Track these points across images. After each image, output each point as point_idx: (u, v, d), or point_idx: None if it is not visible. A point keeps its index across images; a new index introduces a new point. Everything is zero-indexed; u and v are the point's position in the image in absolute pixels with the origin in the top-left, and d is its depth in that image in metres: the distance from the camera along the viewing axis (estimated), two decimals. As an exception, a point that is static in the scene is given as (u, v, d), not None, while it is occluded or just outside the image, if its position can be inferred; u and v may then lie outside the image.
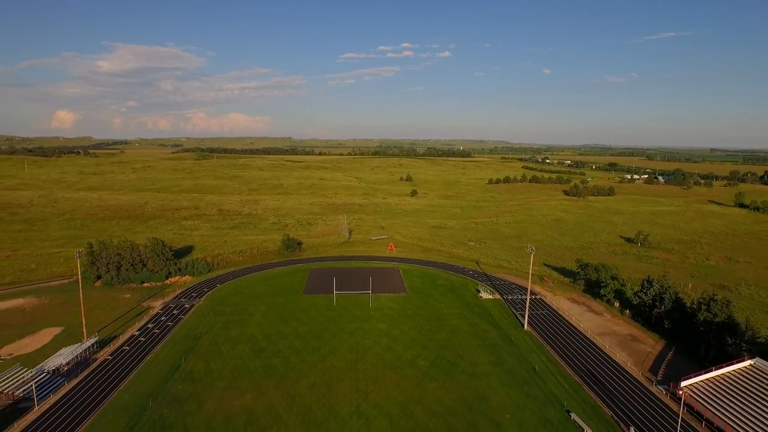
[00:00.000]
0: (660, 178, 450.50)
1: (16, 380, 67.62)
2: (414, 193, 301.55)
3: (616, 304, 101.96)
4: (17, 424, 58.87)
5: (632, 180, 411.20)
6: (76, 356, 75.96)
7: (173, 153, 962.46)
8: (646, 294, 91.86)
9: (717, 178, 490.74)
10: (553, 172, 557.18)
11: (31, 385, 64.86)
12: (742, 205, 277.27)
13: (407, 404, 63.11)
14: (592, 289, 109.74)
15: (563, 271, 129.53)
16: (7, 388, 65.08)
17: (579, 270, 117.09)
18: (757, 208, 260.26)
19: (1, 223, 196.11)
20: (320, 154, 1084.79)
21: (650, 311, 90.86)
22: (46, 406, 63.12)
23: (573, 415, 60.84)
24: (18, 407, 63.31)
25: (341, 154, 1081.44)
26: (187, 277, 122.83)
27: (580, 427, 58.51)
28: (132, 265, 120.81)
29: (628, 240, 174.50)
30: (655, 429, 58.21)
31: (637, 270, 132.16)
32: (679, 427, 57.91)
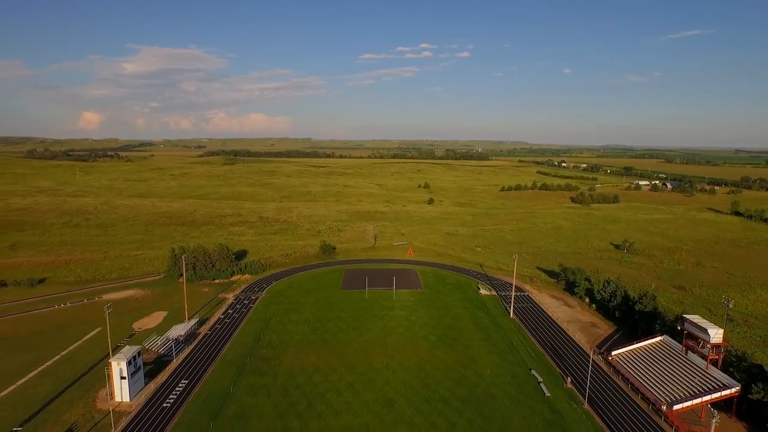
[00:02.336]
0: (668, 185, 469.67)
1: (155, 343, 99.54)
2: (431, 201, 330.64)
3: (587, 300, 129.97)
4: (169, 367, 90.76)
5: (638, 187, 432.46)
6: (187, 330, 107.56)
7: (199, 156, 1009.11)
8: (605, 291, 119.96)
9: (726, 183, 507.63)
10: (566, 177, 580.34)
11: (171, 345, 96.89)
12: (737, 213, 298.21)
13: (420, 363, 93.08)
14: (570, 288, 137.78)
15: (552, 273, 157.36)
16: (154, 348, 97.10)
17: (561, 272, 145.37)
18: (750, 216, 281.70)
19: (80, 228, 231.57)
20: (341, 156, 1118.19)
21: (608, 305, 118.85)
22: (180, 359, 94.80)
23: (533, 371, 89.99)
24: (162, 360, 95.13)
25: (361, 157, 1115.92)
26: (246, 276, 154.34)
27: (537, 378, 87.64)
28: (204, 265, 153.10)
29: (617, 247, 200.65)
30: (591, 380, 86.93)
31: (614, 273, 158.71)
32: (605, 380, 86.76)
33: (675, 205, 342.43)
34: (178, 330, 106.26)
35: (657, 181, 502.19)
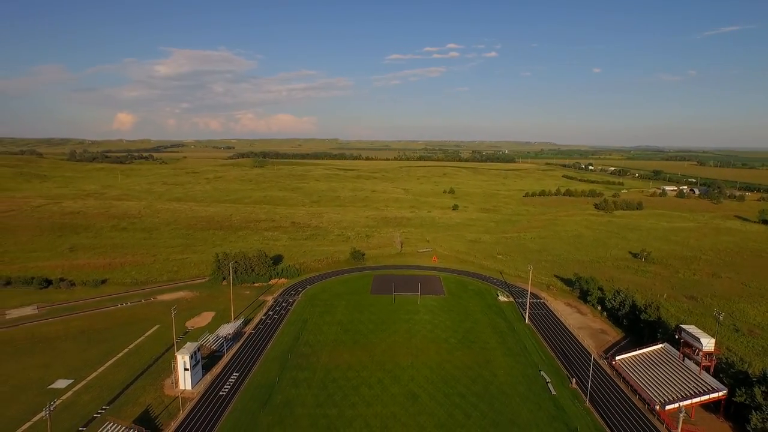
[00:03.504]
0: (696, 190, 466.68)
1: (208, 341, 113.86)
2: (455, 207, 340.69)
3: (599, 308, 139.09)
4: (221, 361, 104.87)
5: (664, 193, 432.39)
6: (235, 329, 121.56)
7: (229, 158, 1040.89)
8: (615, 300, 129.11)
9: (759, 189, 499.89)
10: (591, 181, 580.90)
11: (222, 342, 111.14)
12: (765, 222, 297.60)
13: (441, 362, 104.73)
14: (584, 296, 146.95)
15: (568, 281, 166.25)
16: (207, 344, 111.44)
17: (575, 281, 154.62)
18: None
19: (128, 232, 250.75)
20: (367, 158, 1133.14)
21: (617, 313, 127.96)
22: (230, 355, 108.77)
23: (542, 372, 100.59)
24: (214, 355, 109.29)
25: (387, 159, 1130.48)
26: (283, 280, 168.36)
27: (545, 378, 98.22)
28: (245, 269, 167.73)
29: (635, 255, 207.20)
30: (594, 381, 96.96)
31: (629, 282, 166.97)
32: (608, 382, 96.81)
33: (700, 212, 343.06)
34: (227, 329, 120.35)
35: (684, 187, 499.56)
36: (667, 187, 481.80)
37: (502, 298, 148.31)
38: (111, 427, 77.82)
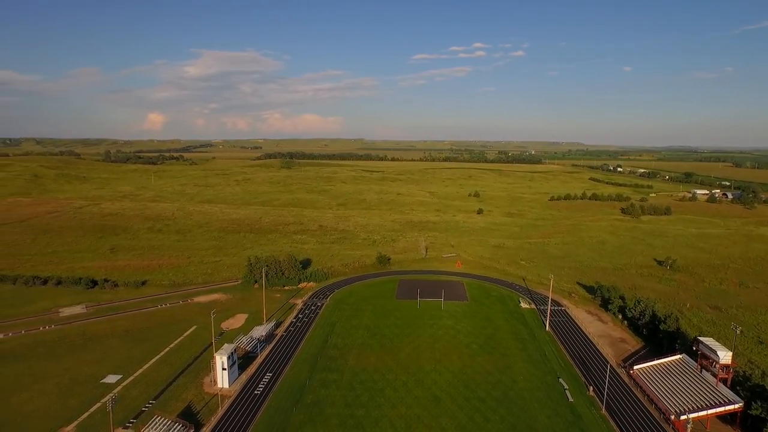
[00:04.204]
0: (728, 195, 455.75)
1: (242, 342, 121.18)
2: (480, 212, 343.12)
3: (619, 317, 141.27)
4: (255, 362, 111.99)
5: (694, 198, 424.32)
6: (267, 331, 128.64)
7: (257, 158, 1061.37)
8: (635, 310, 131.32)
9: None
10: (619, 184, 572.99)
11: (256, 344, 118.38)
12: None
13: (463, 367, 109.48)
14: (605, 304, 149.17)
15: (590, 289, 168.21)
16: (242, 345, 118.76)
17: (597, 289, 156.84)
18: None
19: (163, 234, 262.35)
20: (393, 159, 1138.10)
21: (638, 322, 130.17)
22: (263, 356, 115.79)
23: (560, 379, 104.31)
24: (248, 356, 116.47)
25: (413, 160, 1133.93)
26: (312, 283, 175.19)
27: (563, 385, 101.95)
28: (275, 273, 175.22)
29: (660, 263, 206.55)
30: (611, 389, 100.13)
31: (652, 290, 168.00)
32: (625, 391, 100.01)
33: (732, 218, 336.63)
34: (259, 331, 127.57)
35: (717, 191, 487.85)
36: (699, 191, 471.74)
37: (524, 305, 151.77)
38: (159, 420, 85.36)
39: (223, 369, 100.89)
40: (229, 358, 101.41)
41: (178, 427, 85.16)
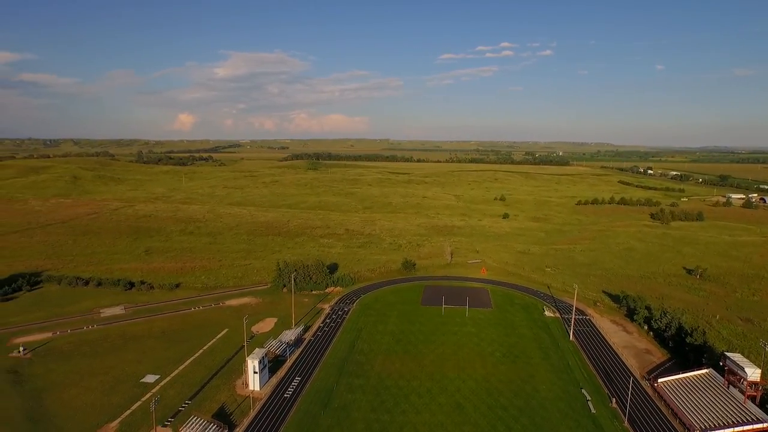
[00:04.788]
0: (766, 199, 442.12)
1: (272, 346, 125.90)
2: (506, 216, 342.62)
3: (645, 327, 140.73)
4: (285, 365, 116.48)
5: (728, 203, 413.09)
6: (296, 336, 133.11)
7: (284, 159, 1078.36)
8: (661, 321, 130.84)
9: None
10: (649, 188, 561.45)
11: (285, 348, 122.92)
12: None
13: (487, 375, 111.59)
14: (631, 314, 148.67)
15: (616, 298, 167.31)
16: (272, 349, 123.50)
17: (623, 298, 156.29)
18: None
19: (194, 236, 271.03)
20: (419, 160, 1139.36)
21: (663, 334, 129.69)
22: (292, 360, 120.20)
23: (583, 390, 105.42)
24: (278, 359, 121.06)
25: (439, 161, 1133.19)
26: (339, 288, 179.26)
27: (586, 396, 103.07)
28: (303, 277, 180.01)
29: (689, 272, 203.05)
30: (634, 401, 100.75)
31: (680, 300, 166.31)
32: (649, 404, 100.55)
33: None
34: (288, 335, 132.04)
35: (754, 195, 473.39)
36: (734, 195, 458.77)
37: (548, 313, 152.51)
38: (195, 421, 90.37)
39: (255, 372, 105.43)
40: (260, 362, 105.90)
41: (213, 428, 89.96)
